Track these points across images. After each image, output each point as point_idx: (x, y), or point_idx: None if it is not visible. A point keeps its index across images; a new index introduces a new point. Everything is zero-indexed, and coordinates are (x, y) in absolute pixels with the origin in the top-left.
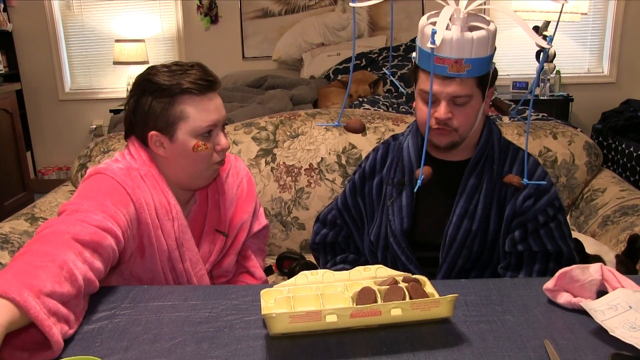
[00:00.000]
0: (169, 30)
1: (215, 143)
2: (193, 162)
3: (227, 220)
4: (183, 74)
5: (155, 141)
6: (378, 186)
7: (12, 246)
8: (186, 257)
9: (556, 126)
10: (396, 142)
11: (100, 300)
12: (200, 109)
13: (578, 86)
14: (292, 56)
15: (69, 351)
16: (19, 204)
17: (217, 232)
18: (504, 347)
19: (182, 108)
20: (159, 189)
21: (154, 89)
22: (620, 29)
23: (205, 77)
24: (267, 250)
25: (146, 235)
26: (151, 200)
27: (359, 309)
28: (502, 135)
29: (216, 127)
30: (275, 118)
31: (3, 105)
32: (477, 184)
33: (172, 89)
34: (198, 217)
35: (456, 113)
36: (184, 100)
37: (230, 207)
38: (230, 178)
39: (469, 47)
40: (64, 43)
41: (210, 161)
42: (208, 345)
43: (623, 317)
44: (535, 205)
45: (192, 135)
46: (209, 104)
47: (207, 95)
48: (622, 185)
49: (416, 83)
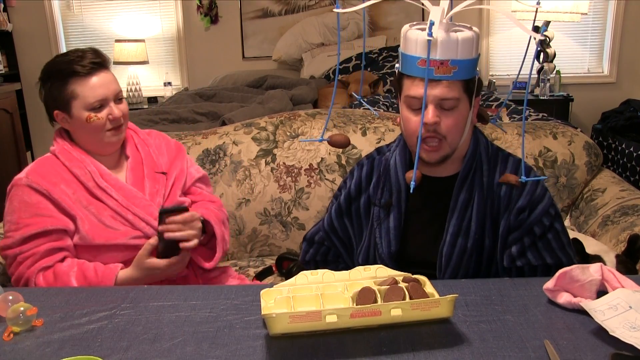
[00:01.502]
0: (169, 30)
1: (108, 113)
2: (90, 131)
3: (161, 163)
4: (76, 58)
5: (61, 118)
6: (365, 205)
7: None
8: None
9: (556, 126)
10: (381, 156)
11: (100, 300)
12: (87, 87)
13: (578, 86)
14: (292, 56)
15: (69, 351)
16: None
17: (157, 173)
18: (504, 347)
19: (72, 88)
20: (72, 157)
21: (51, 74)
22: (620, 29)
23: (93, 59)
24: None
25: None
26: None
27: (359, 309)
28: (490, 142)
29: (106, 100)
30: (275, 118)
31: (3, 105)
32: (468, 198)
33: (63, 73)
34: (135, 166)
35: (444, 118)
36: (73, 81)
37: (163, 158)
38: (156, 140)
39: (455, 48)
40: (64, 43)
41: (104, 129)
42: (208, 345)
43: (623, 317)
44: (530, 217)
45: (85, 109)
46: (96, 81)
47: (93, 74)
48: (622, 185)
49: (401, 93)
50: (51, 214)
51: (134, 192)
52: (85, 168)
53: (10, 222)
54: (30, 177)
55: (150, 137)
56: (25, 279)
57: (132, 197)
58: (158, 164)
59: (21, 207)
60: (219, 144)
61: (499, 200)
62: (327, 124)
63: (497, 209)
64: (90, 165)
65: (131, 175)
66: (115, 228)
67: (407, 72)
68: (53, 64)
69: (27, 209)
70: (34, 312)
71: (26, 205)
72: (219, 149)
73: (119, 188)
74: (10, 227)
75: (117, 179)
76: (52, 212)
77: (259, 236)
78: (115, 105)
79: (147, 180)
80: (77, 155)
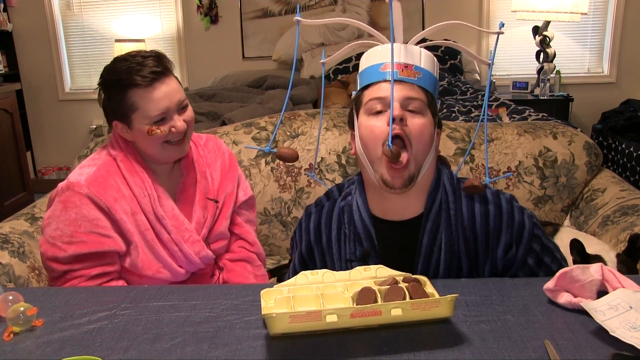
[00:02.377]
0: (169, 30)
1: (170, 126)
2: (152, 143)
3: (215, 189)
4: (136, 66)
5: (121, 128)
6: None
7: (12, 246)
8: (169, 227)
9: (556, 126)
10: (332, 203)
11: (100, 300)
12: (148, 100)
13: (578, 86)
14: (292, 56)
15: (69, 351)
16: (19, 204)
17: (208, 200)
18: (504, 347)
19: (132, 101)
20: (133, 170)
21: (110, 83)
22: (620, 29)
23: (154, 68)
24: (258, 222)
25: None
26: (126, 187)
27: (359, 309)
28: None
29: (168, 113)
30: (275, 118)
31: (3, 105)
32: (433, 239)
33: (122, 83)
34: (188, 187)
35: (410, 118)
36: (133, 93)
37: (216, 178)
38: (211, 154)
39: (418, 56)
40: (64, 43)
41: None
42: (208, 345)
43: (623, 317)
44: (518, 250)
45: (146, 122)
46: (157, 93)
47: (154, 86)
48: (622, 185)
49: (358, 112)
50: (109, 233)
51: (185, 225)
52: (145, 189)
53: (62, 232)
54: (92, 187)
55: (206, 150)
56: None
57: (183, 230)
58: (212, 188)
59: (78, 220)
60: None
61: (475, 242)
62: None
63: (475, 250)
64: (151, 188)
65: (182, 199)
66: (165, 262)
67: (371, 80)
68: (112, 71)
69: (85, 223)
70: (34, 312)
71: (84, 219)
72: None
73: (172, 217)
74: (63, 237)
75: (173, 207)
76: (110, 232)
77: (259, 236)
78: (178, 117)
79: (197, 207)
80: (138, 171)
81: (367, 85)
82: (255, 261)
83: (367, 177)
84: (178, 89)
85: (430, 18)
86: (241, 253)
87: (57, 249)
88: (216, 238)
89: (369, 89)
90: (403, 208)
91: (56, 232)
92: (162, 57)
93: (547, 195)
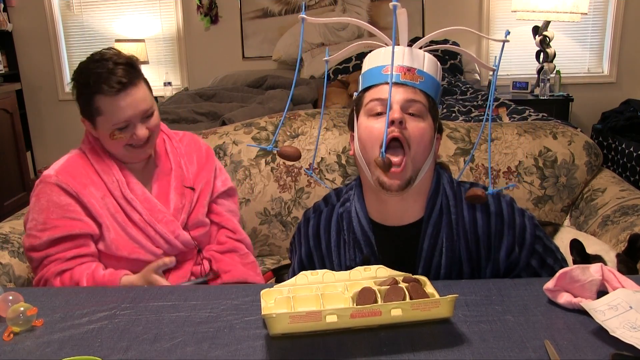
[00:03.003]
0: (169, 30)
1: (132, 133)
2: (114, 145)
3: (192, 177)
4: (106, 73)
5: (88, 126)
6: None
7: (12, 246)
8: (140, 209)
9: (556, 126)
10: (330, 208)
11: (100, 300)
12: (114, 108)
13: (578, 86)
14: (292, 56)
15: (69, 351)
16: (19, 204)
17: (185, 187)
18: (504, 347)
19: (97, 105)
20: (101, 160)
21: (79, 83)
22: (620, 29)
23: (121, 79)
24: (257, 222)
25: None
26: (95, 175)
27: (359, 309)
28: (452, 177)
29: (131, 121)
30: (275, 118)
31: (3, 105)
32: (433, 244)
33: (91, 87)
34: (162, 177)
35: (410, 121)
36: (98, 99)
37: (192, 168)
38: (187, 147)
39: (421, 60)
40: (64, 43)
41: (128, 145)
42: (208, 345)
43: (623, 317)
44: (521, 252)
45: (109, 127)
46: (121, 103)
47: (119, 96)
48: (622, 185)
49: (359, 113)
50: (80, 217)
51: (158, 207)
52: (113, 176)
53: (36, 221)
54: (60, 176)
55: (182, 143)
56: (45, 279)
57: (156, 212)
58: (187, 176)
59: (50, 207)
60: (219, 143)
61: (477, 246)
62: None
63: (477, 254)
64: (118, 173)
65: (157, 186)
66: (139, 242)
67: (372, 81)
68: (83, 73)
69: (56, 210)
70: (34, 312)
71: (55, 206)
72: (219, 148)
73: (143, 200)
74: (37, 225)
75: (144, 191)
76: (81, 216)
77: (259, 236)
78: (141, 125)
79: (174, 194)
80: (106, 160)
81: (369, 87)
82: (241, 250)
83: (365, 179)
84: (144, 98)
85: (430, 18)
86: (227, 244)
87: (33, 237)
88: (195, 225)
89: (370, 91)
90: (402, 213)
91: (31, 222)
92: (132, 65)
93: (547, 195)
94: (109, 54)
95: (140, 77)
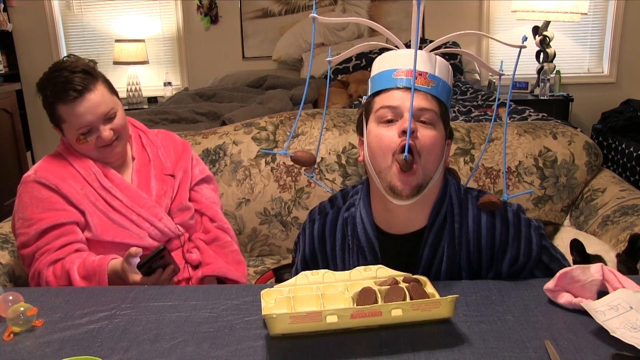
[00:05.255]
0: (169, 30)
1: (97, 136)
2: (84, 149)
3: (169, 166)
4: (63, 81)
5: (57, 130)
6: (326, 264)
7: (12, 246)
8: (120, 196)
9: (556, 126)
10: (336, 211)
11: (101, 300)
12: (74, 114)
13: (578, 86)
14: (292, 56)
15: (69, 351)
16: None
17: (165, 175)
18: (504, 348)
19: (59, 113)
20: (77, 158)
21: (42, 93)
22: (620, 29)
23: (77, 86)
24: (257, 222)
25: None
26: (73, 169)
27: (360, 309)
28: (460, 184)
29: (94, 124)
30: (275, 118)
31: (3, 105)
32: (433, 252)
33: (51, 96)
34: (142, 167)
35: (422, 130)
36: (58, 107)
37: (170, 158)
38: (163, 141)
39: (432, 64)
40: (64, 43)
41: (96, 148)
42: (208, 345)
43: (624, 317)
44: (527, 264)
45: (73, 132)
46: (80, 109)
47: (76, 103)
48: (622, 185)
49: (368, 118)
50: (63, 207)
51: (139, 193)
52: (89, 169)
53: (22, 219)
54: (39, 173)
55: (158, 138)
56: (38, 272)
57: (137, 198)
58: (166, 165)
59: (32, 203)
60: (219, 143)
61: (479, 255)
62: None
63: (478, 263)
64: (95, 166)
65: (137, 176)
66: (123, 225)
67: (383, 86)
68: (43, 83)
69: (39, 204)
70: (34, 312)
71: (37, 201)
72: (219, 148)
73: (123, 188)
74: (24, 223)
75: (123, 180)
76: (64, 206)
77: (259, 236)
78: (104, 127)
79: (155, 182)
80: (81, 157)
81: (379, 92)
82: (222, 239)
83: (374, 186)
84: (102, 101)
85: (430, 18)
86: (212, 233)
87: (22, 235)
88: (180, 209)
89: (380, 96)
90: (408, 221)
91: (18, 222)
92: (88, 72)
93: (547, 195)
94: (67, 62)
95: (97, 82)
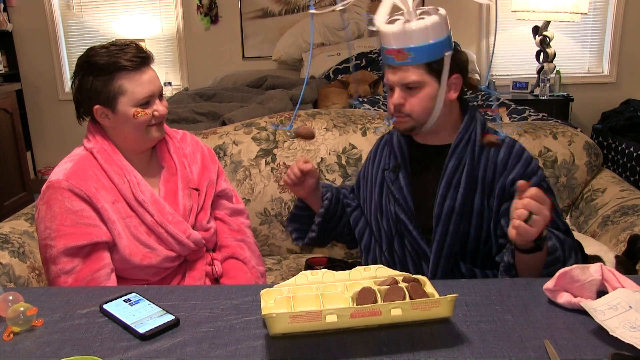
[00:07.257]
0: (169, 30)
1: (154, 109)
2: (135, 127)
3: (195, 178)
4: (120, 52)
5: (101, 114)
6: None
7: (12, 246)
8: (152, 210)
9: (556, 126)
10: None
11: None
12: (136, 83)
13: (578, 86)
14: (292, 56)
15: (69, 351)
16: (19, 204)
17: (191, 189)
18: (504, 347)
19: (120, 83)
20: (111, 159)
21: (93, 69)
22: (620, 29)
23: (138, 54)
24: (258, 222)
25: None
26: (105, 177)
27: (359, 309)
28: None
29: (153, 97)
30: (275, 118)
31: (3, 105)
32: (457, 164)
33: (110, 67)
34: (169, 178)
35: (410, 98)
36: (121, 76)
37: (196, 169)
38: (190, 147)
39: (409, 37)
40: (64, 43)
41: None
42: (208, 345)
43: (623, 317)
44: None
45: (132, 105)
46: (144, 77)
47: (141, 70)
48: (622, 185)
49: None
50: (94, 222)
51: (167, 209)
52: (124, 176)
53: (50, 229)
54: (71, 181)
55: (184, 143)
56: None
57: (165, 213)
58: (192, 177)
59: (62, 213)
60: (219, 143)
61: (495, 167)
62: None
63: (493, 174)
64: (130, 174)
65: (164, 188)
66: (150, 246)
67: (384, 61)
68: (94, 57)
69: (69, 216)
70: (34, 312)
71: (68, 212)
72: (219, 148)
73: (154, 202)
74: (51, 234)
75: (153, 193)
76: (95, 221)
77: (259, 236)
78: (159, 102)
79: (182, 196)
80: (116, 159)
81: None
82: (240, 255)
83: None
84: (158, 77)
85: None
86: (230, 248)
87: (48, 247)
88: (202, 227)
89: (385, 69)
90: (434, 138)
91: (45, 232)
92: (141, 46)
93: None
94: (107, 43)
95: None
